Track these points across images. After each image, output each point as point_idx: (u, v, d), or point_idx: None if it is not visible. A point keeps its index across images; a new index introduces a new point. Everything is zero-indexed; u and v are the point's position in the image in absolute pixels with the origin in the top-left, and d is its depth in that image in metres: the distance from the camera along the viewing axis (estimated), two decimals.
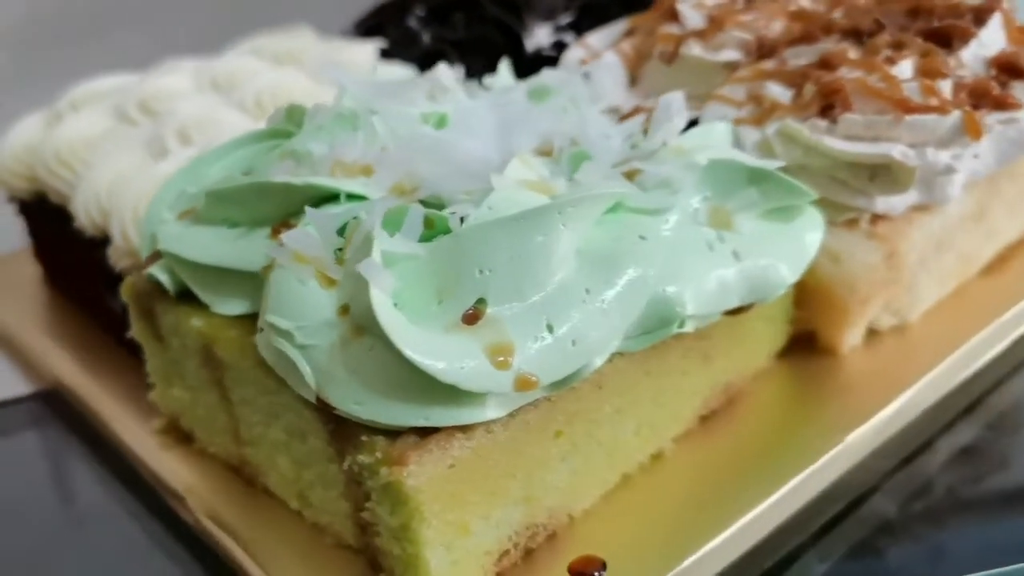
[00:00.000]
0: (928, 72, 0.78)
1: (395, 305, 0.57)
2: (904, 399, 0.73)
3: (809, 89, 0.77)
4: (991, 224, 0.85)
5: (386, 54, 1.05)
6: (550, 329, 0.57)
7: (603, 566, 0.60)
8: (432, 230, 0.60)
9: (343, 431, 0.57)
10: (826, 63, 0.78)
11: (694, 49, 0.86)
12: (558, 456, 0.61)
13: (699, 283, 0.64)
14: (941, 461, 0.73)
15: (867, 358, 0.78)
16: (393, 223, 0.60)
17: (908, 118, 0.73)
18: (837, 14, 0.89)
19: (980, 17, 0.84)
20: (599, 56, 0.92)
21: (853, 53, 0.79)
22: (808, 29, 0.85)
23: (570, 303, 0.58)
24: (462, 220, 0.60)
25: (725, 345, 0.71)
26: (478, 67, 0.95)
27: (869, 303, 0.76)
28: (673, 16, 0.90)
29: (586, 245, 0.61)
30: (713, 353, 0.70)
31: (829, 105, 0.74)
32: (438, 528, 0.56)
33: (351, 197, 0.65)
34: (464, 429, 0.56)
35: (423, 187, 0.64)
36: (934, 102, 0.75)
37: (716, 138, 0.75)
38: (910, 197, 0.77)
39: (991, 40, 0.83)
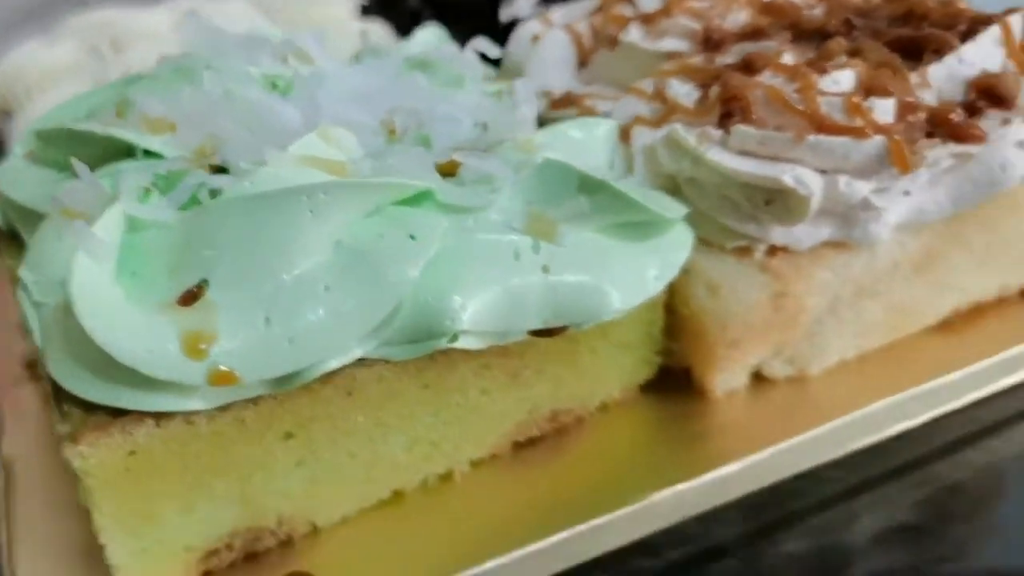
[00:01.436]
0: (871, 87, 0.65)
1: (133, 273, 0.53)
2: (749, 462, 0.62)
3: (714, 92, 0.66)
4: (946, 276, 0.72)
5: (369, 12, 1.01)
6: (267, 323, 0.52)
7: None
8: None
9: (57, 397, 0.54)
10: (748, 65, 0.67)
11: (633, 35, 0.77)
12: (290, 461, 0.57)
13: (486, 295, 0.56)
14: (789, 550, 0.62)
15: (743, 407, 0.69)
16: (168, 186, 0.56)
17: (811, 138, 0.62)
18: (818, 10, 0.77)
19: (972, 29, 0.70)
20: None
21: (790, 56, 0.68)
22: (759, 25, 0.73)
23: (300, 298, 0.53)
24: (213, 193, 0.55)
25: (547, 368, 0.63)
26: (460, 31, 0.89)
27: (742, 346, 0.65)
28: None
29: (350, 238, 0.55)
30: (526, 375, 0.63)
31: (728, 113, 0.64)
32: (116, 514, 0.53)
33: (148, 153, 0.61)
34: (159, 416, 0.52)
35: (220, 152, 0.59)
36: (858, 123, 0.62)
37: (595, 136, 0.66)
38: (821, 232, 0.66)
39: (978, 58, 0.69)
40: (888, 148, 0.63)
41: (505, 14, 0.93)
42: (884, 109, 0.65)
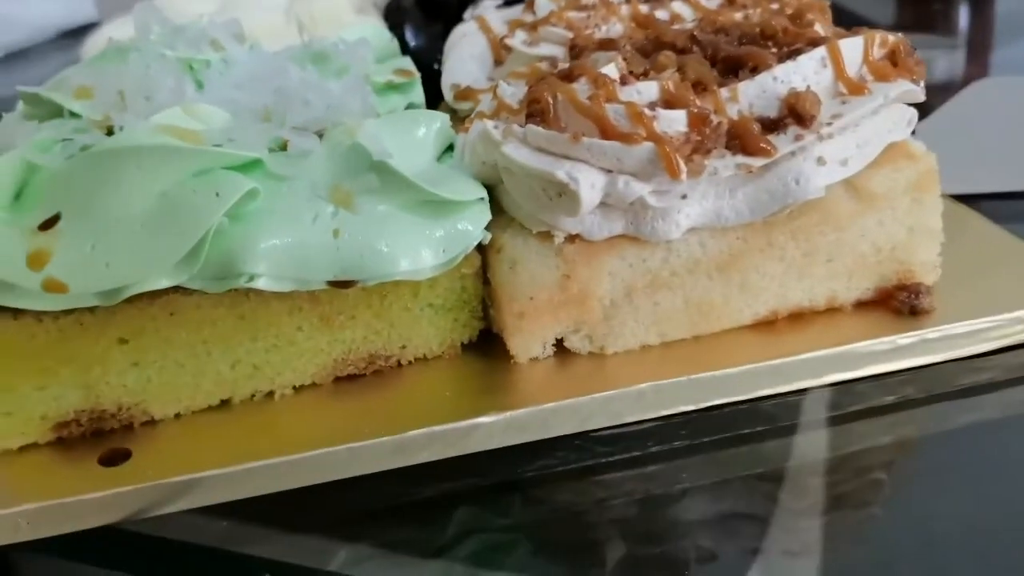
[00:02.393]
0: (670, 99, 0.73)
1: (16, 198, 0.71)
2: (489, 420, 0.72)
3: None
4: (755, 280, 0.77)
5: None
6: (92, 249, 0.68)
7: (125, 456, 0.71)
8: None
9: None
10: (569, 73, 0.76)
11: (516, 40, 0.87)
12: (125, 361, 0.73)
13: (281, 247, 0.70)
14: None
15: (538, 370, 0.77)
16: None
17: (586, 140, 0.70)
18: (689, 25, 0.84)
19: (799, 50, 0.75)
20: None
21: (613, 68, 0.76)
22: (613, 38, 0.81)
23: (120, 234, 0.69)
24: (84, 148, 0.71)
25: (358, 316, 0.76)
26: (436, 27, 1.02)
27: (529, 318, 0.75)
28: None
29: (173, 192, 0.70)
30: (339, 319, 0.75)
31: (531, 113, 0.73)
32: None
33: (72, 114, 0.79)
34: (17, 312, 0.69)
35: (117, 118, 0.76)
36: (639, 131, 0.70)
37: (430, 128, 0.78)
38: (614, 225, 0.74)
39: (795, 77, 0.74)
40: (657, 154, 0.70)
41: (469, 14, 1.04)
42: (676, 119, 0.72)
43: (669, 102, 0.73)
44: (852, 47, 0.76)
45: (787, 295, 0.79)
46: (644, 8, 0.88)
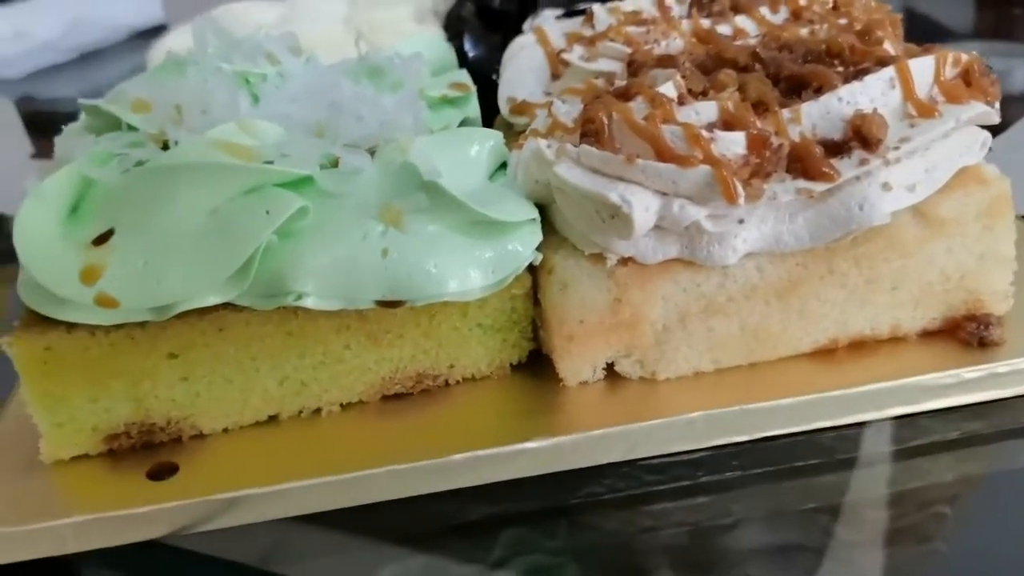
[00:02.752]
0: (729, 120, 0.71)
1: (72, 212, 0.72)
2: (554, 441, 0.71)
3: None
4: (815, 307, 0.75)
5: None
6: (144, 265, 0.69)
7: (172, 470, 0.71)
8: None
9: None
10: (625, 91, 0.74)
11: (574, 54, 0.85)
12: (174, 375, 0.74)
13: (329, 265, 0.70)
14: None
15: (588, 394, 0.76)
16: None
17: (640, 162, 0.69)
18: (753, 40, 0.81)
19: (866, 70, 0.73)
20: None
21: (671, 86, 0.74)
22: (671, 54, 0.79)
23: (171, 251, 0.69)
24: (140, 163, 0.72)
25: (406, 335, 0.75)
26: (496, 38, 1.01)
27: (579, 341, 0.74)
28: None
29: (225, 209, 0.70)
30: (387, 338, 0.75)
31: (585, 133, 0.72)
32: (38, 394, 0.72)
33: (130, 127, 0.79)
34: (71, 326, 0.70)
35: (173, 132, 0.76)
36: (696, 153, 0.69)
37: (483, 146, 0.77)
38: (668, 249, 0.73)
39: (862, 97, 0.72)
40: (714, 178, 0.68)
41: (528, 25, 1.02)
42: (735, 141, 0.70)
43: (728, 123, 0.71)
44: (922, 67, 0.73)
45: (848, 323, 0.77)
46: (706, 23, 0.86)
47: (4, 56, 2.21)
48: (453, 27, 1.11)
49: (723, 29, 0.86)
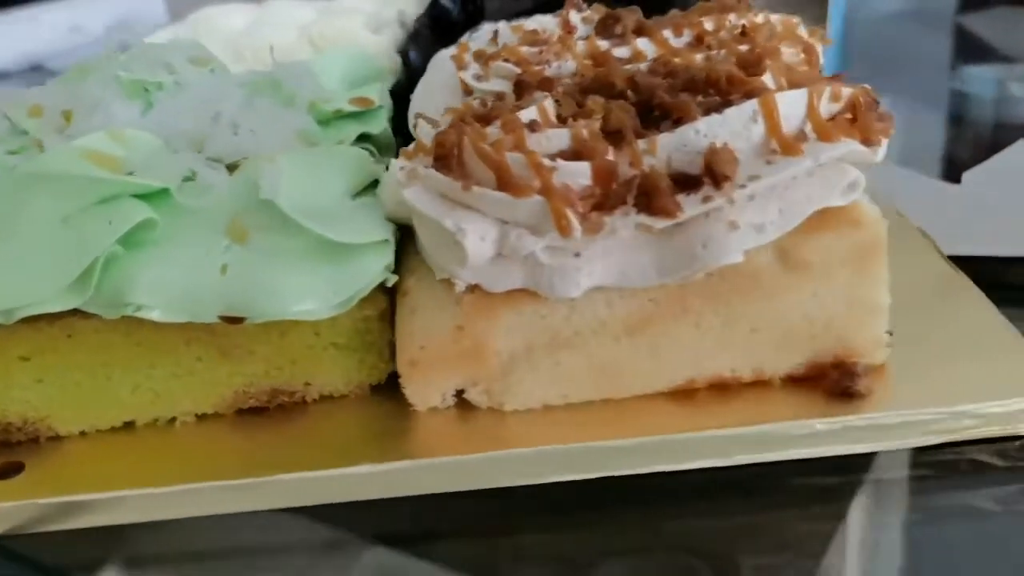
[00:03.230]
0: (580, 149, 0.69)
1: None
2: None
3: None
4: (668, 345, 0.72)
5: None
6: None
7: (18, 469, 0.73)
8: None
9: None
10: (485, 115, 0.73)
11: (468, 73, 0.84)
12: (28, 378, 0.76)
13: (169, 279, 0.70)
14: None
15: (436, 424, 0.75)
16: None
17: (476, 189, 0.67)
18: (640, 64, 0.79)
19: (730, 102, 0.70)
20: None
21: (532, 111, 0.72)
22: (548, 79, 0.77)
23: (18, 255, 0.71)
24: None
25: (257, 351, 0.75)
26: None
27: (422, 368, 0.73)
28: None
29: (75, 217, 0.71)
30: (237, 353, 0.75)
31: (437, 156, 0.71)
32: None
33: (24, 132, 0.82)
34: None
35: (50, 139, 0.78)
36: (535, 183, 0.67)
37: (345, 160, 0.77)
38: (513, 279, 0.71)
39: (720, 131, 0.69)
40: (548, 209, 0.66)
41: (465, 37, 1.01)
42: (580, 172, 0.68)
43: (578, 152, 0.69)
44: (792, 101, 0.70)
45: (705, 364, 0.74)
46: (604, 44, 0.83)
47: (59, 50, 2.30)
48: (405, 40, 1.11)
49: (621, 52, 0.83)
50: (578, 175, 0.68)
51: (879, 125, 0.72)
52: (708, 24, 0.84)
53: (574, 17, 0.90)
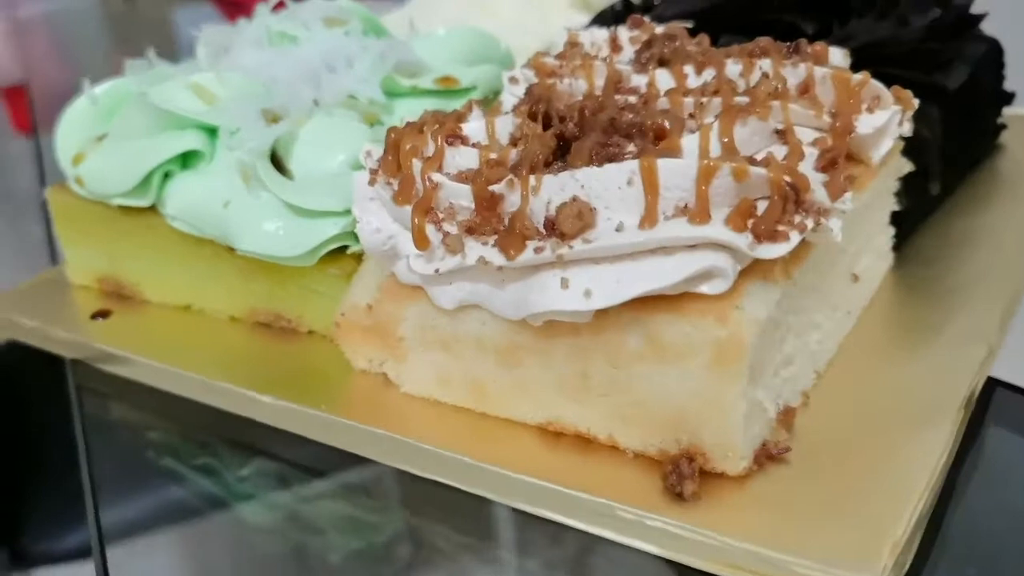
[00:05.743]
0: (485, 173, 0.72)
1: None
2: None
3: None
4: (525, 379, 0.75)
5: None
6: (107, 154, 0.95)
7: (106, 315, 0.99)
8: None
9: None
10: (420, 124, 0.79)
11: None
12: (127, 251, 1.00)
13: (188, 201, 0.91)
14: None
15: (362, 385, 0.84)
16: None
17: (379, 186, 0.76)
18: (628, 99, 0.78)
19: (617, 157, 0.68)
20: None
21: (475, 126, 0.77)
22: (547, 92, 0.79)
23: (112, 156, 0.94)
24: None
25: (261, 278, 0.91)
26: None
27: (343, 330, 0.83)
28: None
29: (154, 134, 0.93)
30: (246, 274, 0.91)
31: (385, 150, 0.79)
32: None
33: None
34: None
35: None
36: (417, 194, 0.73)
37: (348, 134, 0.88)
38: (413, 276, 0.77)
39: (598, 184, 0.68)
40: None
41: None
42: (462, 193, 0.71)
43: (479, 175, 0.72)
44: (677, 172, 0.65)
45: (562, 412, 0.73)
46: (627, 69, 0.80)
47: None
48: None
49: (639, 80, 0.80)
50: (460, 197, 0.71)
51: (779, 231, 0.64)
52: (733, 66, 0.77)
53: (623, 35, 0.87)
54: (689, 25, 1.01)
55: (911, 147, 0.94)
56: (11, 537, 0.84)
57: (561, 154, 0.74)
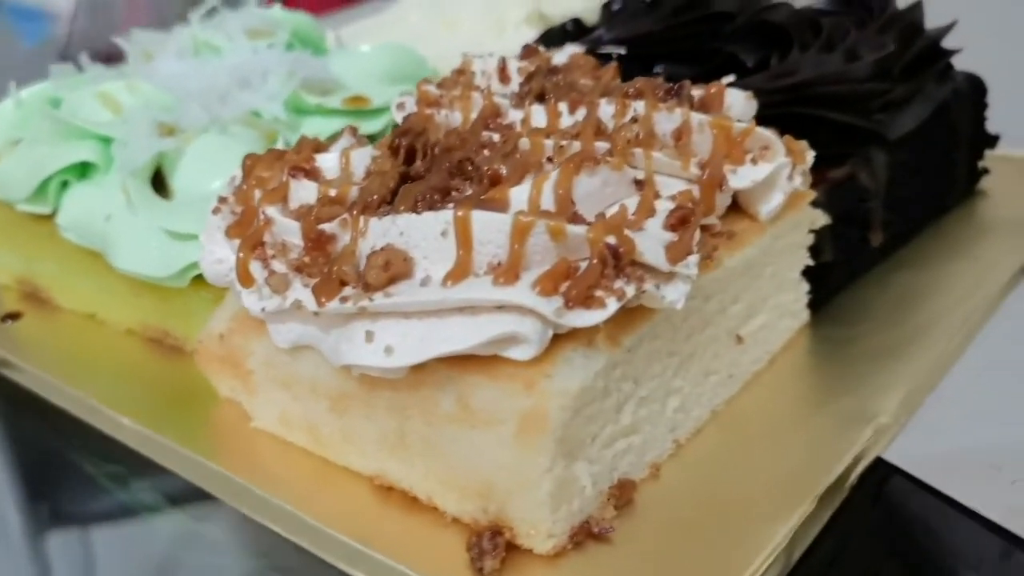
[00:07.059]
0: (318, 210, 0.69)
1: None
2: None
3: None
4: (352, 430, 0.72)
5: None
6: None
7: (16, 317, 0.99)
8: None
9: None
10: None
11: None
12: (37, 256, 0.99)
13: (76, 212, 0.91)
14: None
15: (220, 409, 0.83)
16: None
17: (219, 216, 0.74)
18: (492, 136, 0.73)
19: (437, 205, 0.64)
20: None
21: (329, 157, 0.74)
22: (422, 124, 0.75)
23: (20, 164, 0.93)
24: None
25: (147, 294, 0.89)
26: None
27: (201, 356, 0.80)
28: None
29: (52, 142, 0.92)
30: (135, 289, 0.89)
31: (242, 175, 0.77)
32: None
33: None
34: None
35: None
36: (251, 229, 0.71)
37: (234, 153, 0.86)
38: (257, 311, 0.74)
39: (417, 234, 0.64)
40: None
41: None
42: (292, 230, 0.68)
43: (310, 211, 0.68)
44: (494, 225, 0.60)
45: (387, 467, 0.70)
46: (504, 103, 0.75)
47: None
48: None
49: (515, 115, 0.75)
50: (291, 234, 0.68)
51: (591, 295, 0.59)
52: (607, 107, 0.71)
53: (511, 65, 0.82)
54: (622, 51, 0.96)
55: (850, 195, 0.87)
56: None
57: None
